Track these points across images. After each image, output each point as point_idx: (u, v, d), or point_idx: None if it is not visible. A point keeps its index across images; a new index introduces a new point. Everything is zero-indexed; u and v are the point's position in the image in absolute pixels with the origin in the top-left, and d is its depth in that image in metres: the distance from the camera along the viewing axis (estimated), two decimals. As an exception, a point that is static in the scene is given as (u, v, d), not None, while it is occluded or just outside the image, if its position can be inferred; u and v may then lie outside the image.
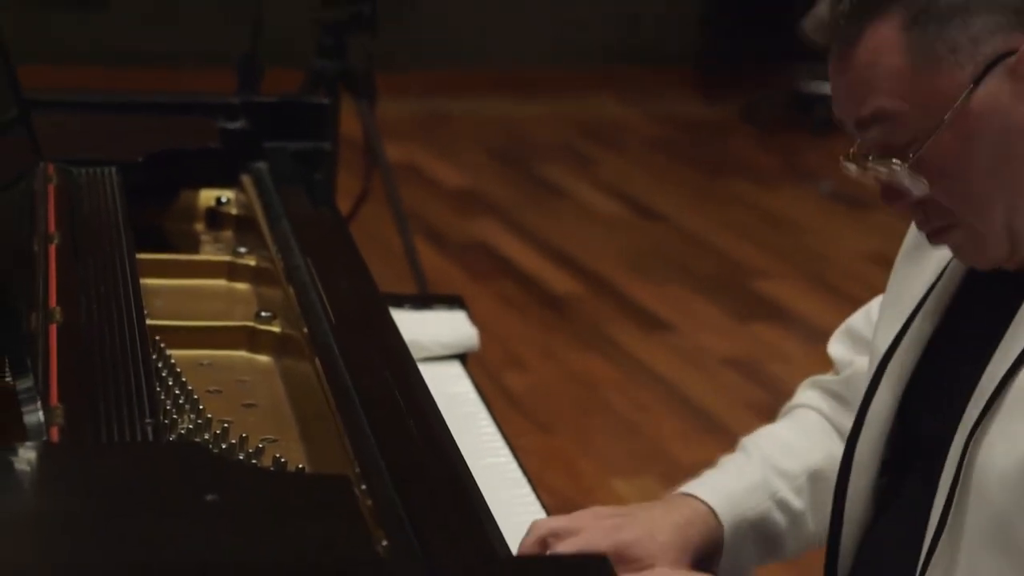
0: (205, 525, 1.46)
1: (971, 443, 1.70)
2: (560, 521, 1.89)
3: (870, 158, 1.70)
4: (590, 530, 1.87)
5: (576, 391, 4.42)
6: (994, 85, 1.65)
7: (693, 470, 2.05)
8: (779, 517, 1.95)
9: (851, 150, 1.72)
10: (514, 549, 1.90)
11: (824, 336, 2.07)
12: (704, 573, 1.83)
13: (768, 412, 2.29)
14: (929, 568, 1.73)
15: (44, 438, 1.63)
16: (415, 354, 2.02)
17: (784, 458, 1.97)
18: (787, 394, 2.13)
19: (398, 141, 5.71)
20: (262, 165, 2.47)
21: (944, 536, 1.72)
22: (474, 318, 2.55)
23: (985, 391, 1.69)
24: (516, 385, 4.40)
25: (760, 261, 5.36)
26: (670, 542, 1.88)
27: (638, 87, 7.00)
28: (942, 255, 1.82)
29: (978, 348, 1.73)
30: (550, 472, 3.82)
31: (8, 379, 1.70)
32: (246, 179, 2.44)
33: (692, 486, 1.94)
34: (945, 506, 1.72)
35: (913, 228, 1.87)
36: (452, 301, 2.58)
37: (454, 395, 2.31)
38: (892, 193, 1.70)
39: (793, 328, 4.71)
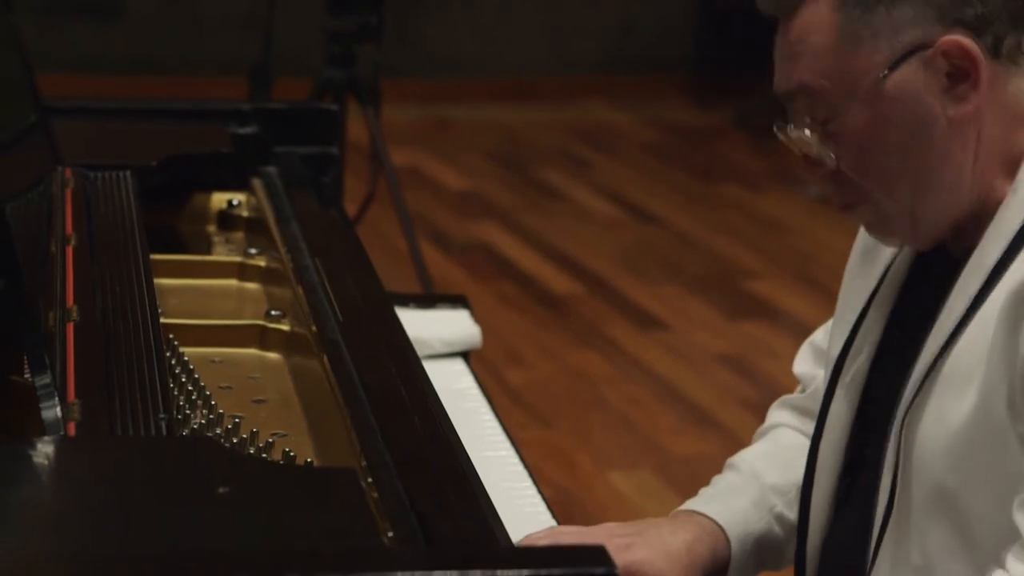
0: (217, 516, 1.46)
1: (907, 421, 1.72)
2: (572, 529, 1.90)
3: (789, 127, 1.74)
4: (598, 540, 1.85)
5: (574, 387, 4.42)
6: (908, 72, 1.68)
7: (686, 463, 2.05)
8: (778, 531, 1.95)
9: (780, 107, 1.76)
10: (515, 538, 1.90)
11: (811, 333, 2.07)
12: None
13: (758, 406, 2.29)
14: (882, 544, 1.75)
15: (61, 433, 1.63)
16: (419, 351, 2.02)
17: (773, 474, 1.97)
18: (776, 389, 2.13)
19: (402, 146, 5.71)
20: (272, 169, 2.47)
21: (894, 512, 1.74)
22: (476, 317, 2.54)
23: (919, 372, 1.72)
24: (516, 381, 4.39)
25: (750, 262, 5.35)
26: (679, 560, 1.87)
27: (633, 94, 7.00)
28: (885, 259, 1.84)
29: (918, 335, 1.75)
30: (549, 464, 3.81)
31: (27, 376, 1.69)
32: (256, 182, 2.44)
33: (698, 504, 1.94)
34: (892, 483, 1.74)
35: (858, 241, 1.89)
36: (455, 300, 2.58)
37: (457, 391, 2.31)
38: (810, 164, 1.74)
39: (782, 325, 4.70)
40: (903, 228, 1.76)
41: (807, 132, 1.73)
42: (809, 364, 2.02)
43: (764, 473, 1.97)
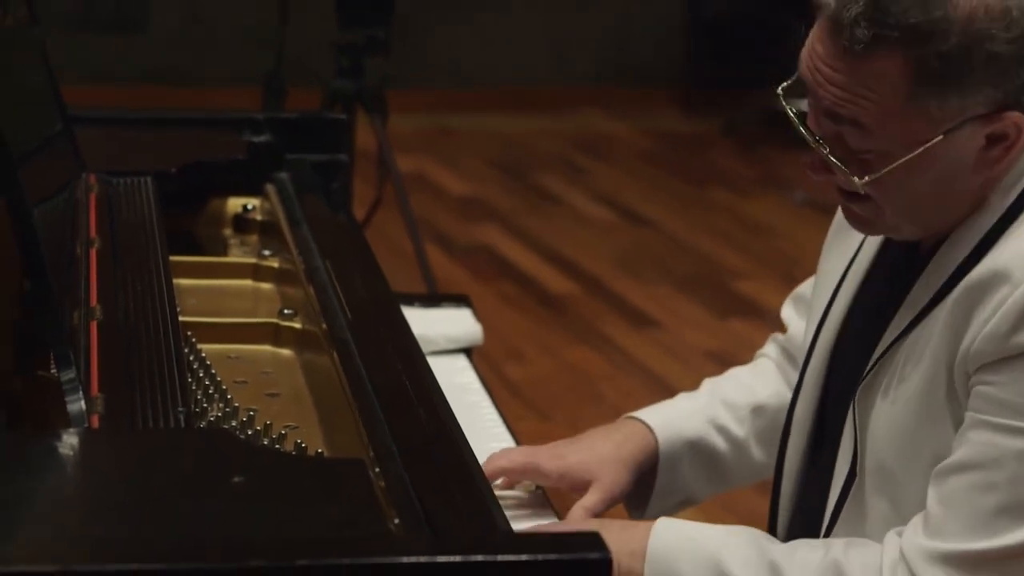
0: (232, 505, 1.46)
1: (861, 397, 1.75)
2: (522, 452, 1.99)
3: (823, 144, 1.70)
4: (538, 453, 1.97)
5: (571, 382, 4.42)
6: (961, 137, 1.66)
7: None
8: (718, 441, 2.01)
9: (802, 113, 1.72)
10: (513, 523, 1.91)
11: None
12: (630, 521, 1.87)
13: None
14: (841, 510, 1.78)
15: (85, 425, 1.63)
16: (424, 348, 2.02)
17: (733, 392, 2.05)
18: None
19: (408, 153, 5.71)
20: (284, 175, 2.46)
21: (852, 484, 1.77)
22: (478, 315, 2.54)
23: (877, 352, 1.75)
24: (517, 376, 4.39)
25: (738, 263, 5.35)
26: (610, 457, 1.97)
27: (627, 104, 7.00)
28: (859, 238, 1.86)
29: (882, 317, 1.77)
30: (547, 455, 3.81)
31: (53, 371, 1.70)
32: (270, 188, 2.44)
33: (638, 411, 2.04)
34: (852, 457, 1.77)
35: (837, 216, 1.90)
36: (458, 300, 2.58)
37: (460, 385, 2.31)
38: (822, 169, 1.72)
39: (768, 324, 4.67)
40: (895, 232, 1.77)
41: (839, 165, 1.70)
42: (791, 312, 2.09)
43: (723, 388, 2.05)
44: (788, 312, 2.10)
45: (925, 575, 1.64)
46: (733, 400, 2.03)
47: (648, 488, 2.00)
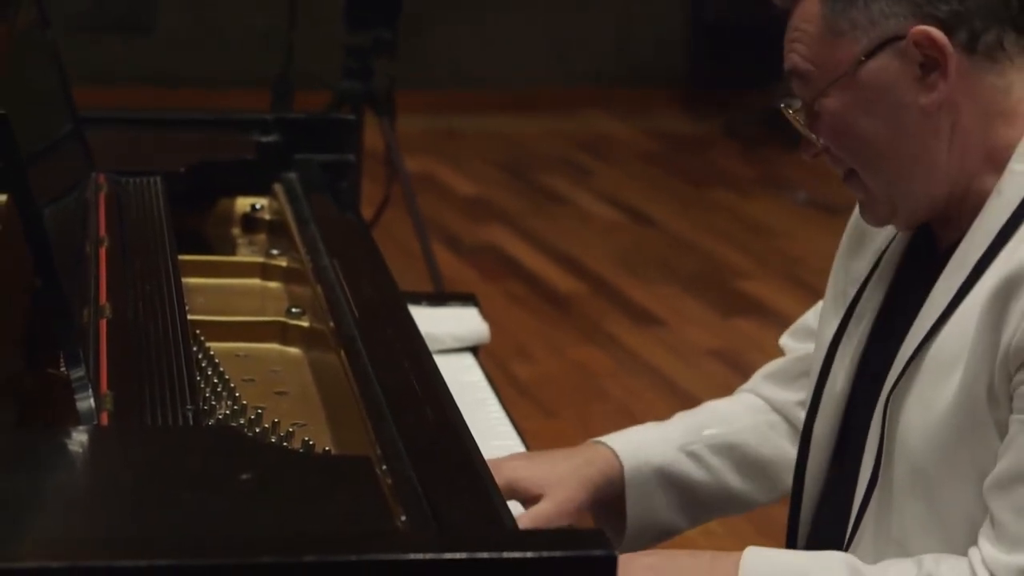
0: (240, 502, 1.45)
1: (891, 404, 1.73)
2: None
3: (783, 104, 1.77)
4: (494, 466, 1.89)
5: (577, 380, 4.41)
6: (883, 61, 1.69)
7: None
8: (691, 468, 1.97)
9: (788, 100, 1.79)
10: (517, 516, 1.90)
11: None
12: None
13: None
14: (864, 516, 1.76)
15: (95, 422, 1.62)
16: (431, 346, 2.01)
17: (709, 421, 2.01)
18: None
19: (416, 154, 5.71)
20: (293, 175, 2.46)
21: (876, 488, 1.74)
22: (485, 314, 2.53)
23: (903, 359, 1.73)
24: (523, 374, 4.39)
25: (741, 262, 5.35)
26: (566, 476, 1.93)
27: (630, 106, 7.00)
28: (879, 245, 1.85)
29: (906, 321, 1.75)
30: (552, 452, 3.80)
31: (63, 369, 1.69)
32: (278, 188, 2.43)
33: (604, 436, 2.00)
34: (875, 462, 1.74)
35: (850, 225, 1.91)
36: (465, 299, 2.57)
37: (466, 383, 2.30)
38: (805, 143, 1.77)
39: (770, 322, 4.69)
40: (885, 209, 1.76)
41: (793, 113, 1.76)
42: (793, 340, 2.06)
43: (700, 418, 2.01)
44: (788, 342, 2.07)
45: None
46: (708, 430, 1.99)
47: (621, 519, 1.96)
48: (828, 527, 1.82)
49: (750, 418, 2.01)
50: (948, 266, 1.72)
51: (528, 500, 1.92)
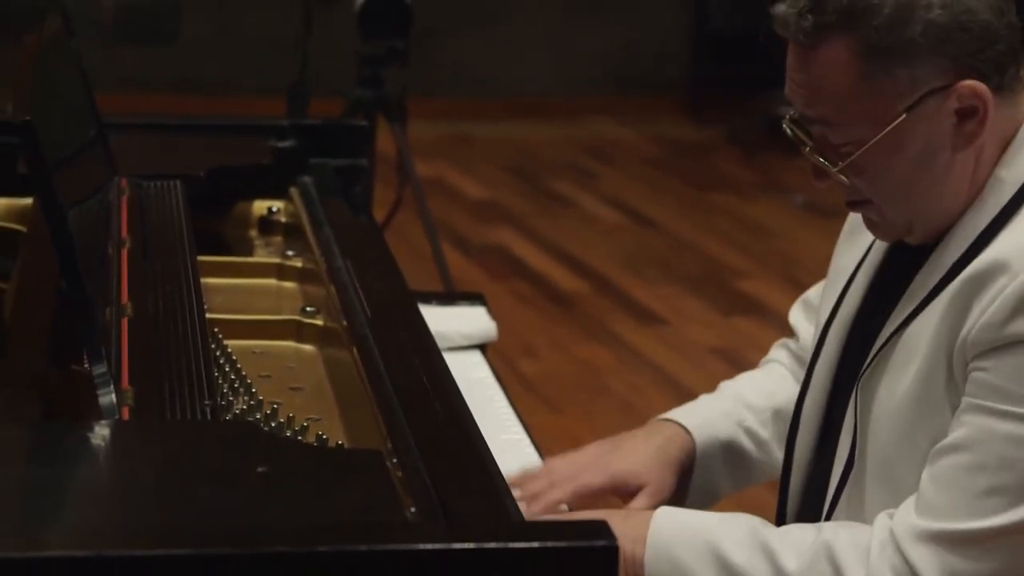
0: (256, 493, 1.46)
1: (861, 391, 1.74)
2: (563, 461, 1.96)
3: (808, 148, 1.72)
4: (584, 471, 1.93)
5: (581, 376, 4.41)
6: (923, 111, 1.66)
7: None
8: (746, 442, 1.99)
9: (790, 125, 1.73)
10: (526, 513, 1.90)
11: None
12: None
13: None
14: (840, 497, 1.77)
15: (116, 417, 1.63)
16: (440, 344, 2.01)
17: (754, 396, 2.02)
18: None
19: (426, 159, 5.71)
20: (308, 179, 2.46)
21: (852, 472, 1.76)
22: (492, 313, 2.53)
23: (878, 343, 1.74)
24: (529, 371, 4.39)
25: (741, 263, 5.34)
26: (655, 462, 1.95)
27: (634, 112, 6.99)
28: (869, 236, 1.84)
29: (885, 309, 1.76)
30: (558, 447, 3.75)
31: (86, 365, 1.69)
32: (294, 191, 2.43)
33: (671, 413, 2.02)
34: (851, 445, 1.75)
35: (848, 220, 1.91)
36: (473, 298, 2.57)
37: (475, 380, 2.30)
38: (821, 174, 1.73)
39: (769, 321, 4.69)
40: (898, 228, 1.76)
41: (824, 162, 1.71)
42: (800, 318, 2.06)
43: (744, 393, 2.02)
44: (797, 318, 2.07)
45: (912, 553, 1.63)
46: (755, 403, 2.01)
47: (683, 490, 1.97)
48: (811, 503, 1.84)
49: (789, 390, 2.02)
50: (926, 264, 1.72)
51: (626, 493, 1.92)
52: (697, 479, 1.97)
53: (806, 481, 1.87)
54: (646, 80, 7.10)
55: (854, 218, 1.88)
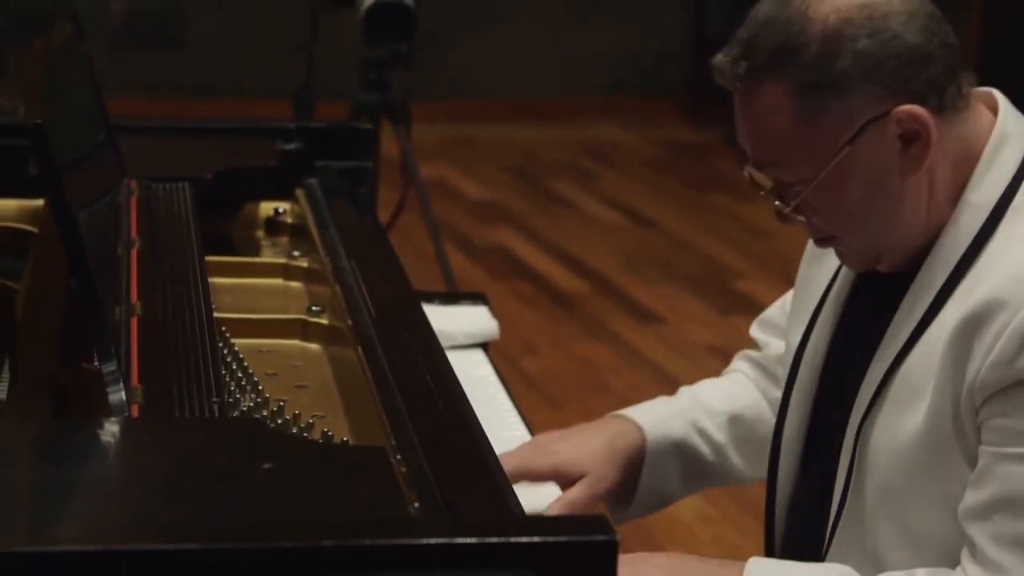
0: (262, 489, 1.46)
1: (862, 428, 1.71)
2: (514, 454, 1.94)
3: (762, 193, 1.71)
4: (529, 455, 1.93)
5: (581, 374, 4.41)
6: (865, 140, 1.64)
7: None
8: (700, 443, 1.99)
9: (750, 169, 1.72)
10: (526, 505, 1.90)
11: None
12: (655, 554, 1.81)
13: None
14: (838, 529, 1.75)
15: (126, 414, 1.63)
16: (443, 343, 2.01)
17: (711, 399, 2.01)
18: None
19: (429, 161, 5.71)
20: (314, 181, 2.46)
21: (847, 506, 1.74)
22: (494, 312, 2.53)
23: (871, 384, 1.71)
24: (531, 369, 4.39)
25: (739, 263, 5.34)
26: (600, 453, 1.94)
27: (634, 114, 6.99)
28: (836, 260, 1.83)
29: (867, 340, 1.74)
30: (559, 443, 3.80)
31: (96, 364, 1.70)
32: (300, 193, 2.43)
33: (626, 410, 2.02)
34: (846, 480, 1.73)
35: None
36: (476, 297, 2.57)
37: (477, 378, 2.30)
38: (782, 216, 1.71)
39: (767, 320, 4.69)
40: (867, 257, 1.74)
41: (778, 204, 1.70)
42: (762, 332, 2.08)
43: (702, 396, 2.01)
44: (757, 333, 2.08)
45: None
46: (712, 407, 2.00)
47: (631, 487, 1.97)
48: (803, 530, 1.81)
49: (749, 397, 2.02)
50: (908, 294, 1.69)
51: (567, 481, 1.92)
52: (647, 476, 1.96)
53: (793, 506, 1.85)
54: (645, 82, 7.10)
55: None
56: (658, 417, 1.99)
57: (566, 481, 1.93)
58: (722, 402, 2.01)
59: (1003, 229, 1.65)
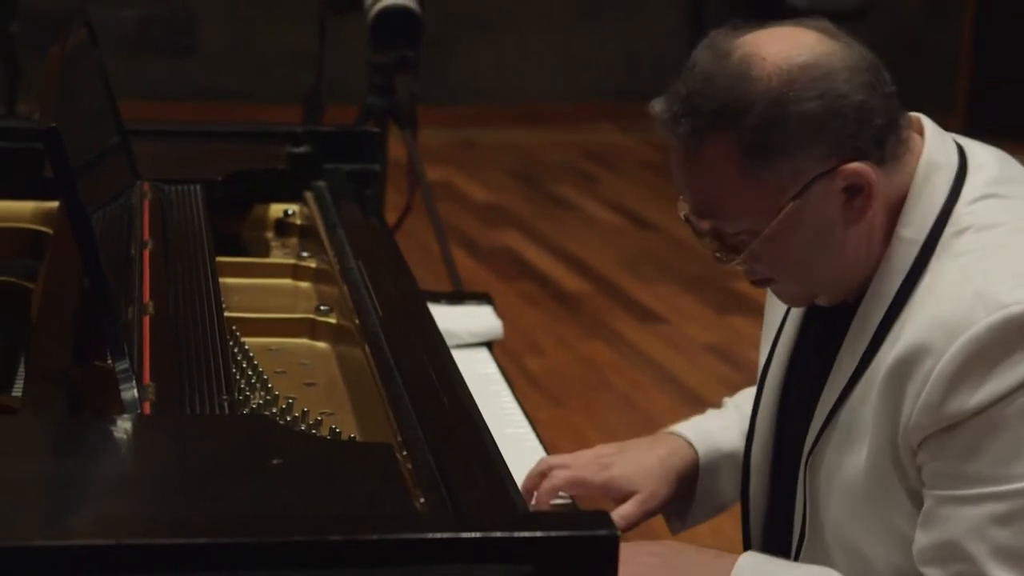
0: (271, 485, 1.45)
1: (810, 462, 1.71)
2: (563, 457, 1.93)
3: (703, 239, 1.67)
4: (585, 467, 1.91)
5: (583, 372, 4.41)
6: (811, 195, 1.61)
7: (680, 439, 2.05)
8: None
9: (685, 214, 1.68)
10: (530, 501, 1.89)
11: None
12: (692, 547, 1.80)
13: (742, 389, 2.27)
14: (800, 556, 1.74)
15: (138, 411, 1.63)
16: (449, 342, 2.01)
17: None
18: (757, 374, 2.11)
19: (435, 164, 5.70)
20: (322, 183, 2.46)
21: (807, 533, 1.73)
22: (499, 312, 2.53)
23: (819, 419, 1.70)
24: (535, 367, 4.38)
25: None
26: (654, 471, 1.91)
27: (635, 119, 6.95)
28: None
29: (819, 370, 1.72)
30: (562, 440, 3.80)
31: (108, 362, 1.69)
32: (309, 195, 2.43)
33: (676, 426, 1.99)
34: (803, 515, 1.73)
35: None
36: (480, 297, 2.57)
37: (482, 376, 2.30)
38: (723, 259, 1.68)
39: (762, 320, 4.68)
40: (803, 297, 1.73)
41: (719, 254, 1.67)
42: None
43: (744, 406, 1.98)
44: None
45: None
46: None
47: (686, 501, 1.95)
48: (776, 544, 1.80)
49: None
50: (850, 330, 1.67)
51: (619, 497, 1.90)
52: (702, 490, 1.94)
53: (765, 530, 1.84)
54: (646, 88, 7.08)
55: None
56: (709, 432, 1.97)
57: (618, 496, 1.90)
58: None
59: (933, 265, 1.62)
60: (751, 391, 2.03)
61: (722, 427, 1.98)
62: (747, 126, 1.58)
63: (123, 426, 1.58)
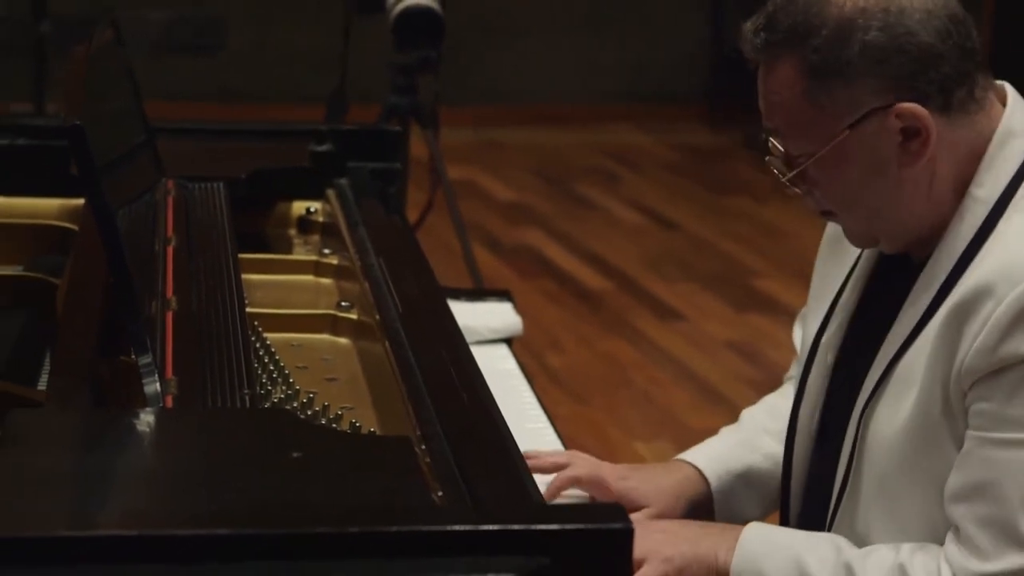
0: (292, 478, 1.46)
1: (864, 416, 1.71)
2: (588, 456, 1.95)
3: (767, 158, 1.73)
4: (605, 472, 1.93)
5: (604, 369, 4.40)
6: (866, 129, 1.64)
7: (700, 435, 2.05)
8: (767, 466, 1.95)
9: (765, 132, 1.74)
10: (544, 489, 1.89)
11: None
12: (688, 520, 1.81)
13: (761, 386, 2.28)
14: (839, 509, 1.75)
15: (161, 405, 1.63)
16: (469, 338, 2.01)
17: (770, 420, 1.98)
18: (777, 371, 2.12)
19: (458, 163, 5.70)
20: (344, 181, 2.46)
21: (847, 490, 1.73)
22: (521, 309, 2.52)
23: (876, 372, 1.71)
24: (556, 364, 4.38)
25: (756, 263, 5.32)
26: (667, 492, 1.92)
27: (655, 119, 6.97)
28: (854, 252, 1.83)
29: (880, 328, 1.73)
30: (582, 436, 3.80)
31: (132, 356, 1.70)
32: (331, 193, 2.43)
33: (686, 453, 1.98)
34: (847, 466, 1.73)
35: (829, 229, 1.89)
36: (500, 294, 2.56)
37: (501, 372, 2.30)
38: (785, 183, 1.73)
39: (783, 318, 4.67)
40: (864, 238, 1.75)
41: (777, 172, 1.72)
42: (799, 337, 2.02)
43: (760, 419, 1.99)
44: (797, 337, 2.03)
45: None
46: (772, 427, 1.98)
47: (710, 519, 1.95)
48: (814, 513, 1.81)
49: None
50: (916, 286, 1.69)
51: (633, 509, 1.90)
52: (720, 510, 1.95)
53: (805, 491, 1.85)
54: (666, 89, 7.08)
55: (830, 238, 1.87)
56: (718, 456, 1.96)
57: (630, 508, 1.89)
58: (779, 418, 1.96)
59: (1002, 224, 1.65)
60: (770, 397, 2.03)
61: (733, 444, 1.97)
62: (813, 46, 1.63)
63: (146, 419, 1.58)
